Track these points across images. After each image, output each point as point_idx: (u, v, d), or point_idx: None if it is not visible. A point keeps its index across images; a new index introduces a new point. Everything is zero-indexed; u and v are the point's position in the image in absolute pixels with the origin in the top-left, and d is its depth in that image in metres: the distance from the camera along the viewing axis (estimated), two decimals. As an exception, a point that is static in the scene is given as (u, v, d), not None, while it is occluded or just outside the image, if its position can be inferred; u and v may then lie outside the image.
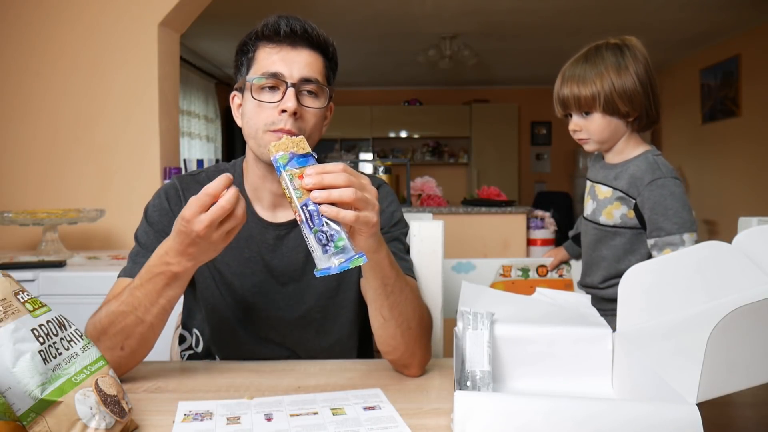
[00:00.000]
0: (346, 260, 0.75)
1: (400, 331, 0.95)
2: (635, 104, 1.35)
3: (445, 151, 8.19)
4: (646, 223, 1.35)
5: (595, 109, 1.37)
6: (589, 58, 1.39)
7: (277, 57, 1.01)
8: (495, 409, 0.64)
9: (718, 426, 0.79)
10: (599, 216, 1.43)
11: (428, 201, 3.66)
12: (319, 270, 0.76)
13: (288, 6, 4.31)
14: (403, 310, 0.94)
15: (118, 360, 0.94)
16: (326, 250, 0.75)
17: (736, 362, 0.64)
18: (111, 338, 0.93)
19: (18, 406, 0.65)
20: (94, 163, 2.57)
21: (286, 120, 0.99)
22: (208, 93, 6.64)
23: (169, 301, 0.92)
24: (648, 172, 1.34)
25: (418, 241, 1.20)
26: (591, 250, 1.47)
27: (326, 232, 0.75)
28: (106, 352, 0.92)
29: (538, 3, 4.44)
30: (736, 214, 1.57)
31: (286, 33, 1.01)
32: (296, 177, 0.77)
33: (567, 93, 1.39)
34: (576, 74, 1.39)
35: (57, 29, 2.55)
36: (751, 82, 5.11)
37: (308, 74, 1.01)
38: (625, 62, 1.35)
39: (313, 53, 1.04)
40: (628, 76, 1.34)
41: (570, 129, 1.44)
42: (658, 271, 0.84)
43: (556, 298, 0.99)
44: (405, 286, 0.94)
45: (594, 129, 1.40)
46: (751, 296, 0.63)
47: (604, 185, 1.43)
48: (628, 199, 1.37)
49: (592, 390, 0.83)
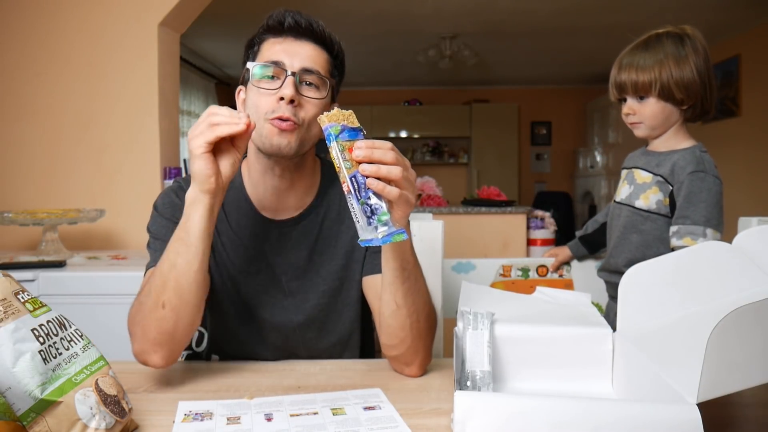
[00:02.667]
0: (388, 234, 0.77)
1: (409, 322, 0.97)
2: (691, 93, 1.37)
3: (445, 151, 8.19)
4: (675, 211, 1.36)
5: (651, 94, 1.38)
6: (649, 46, 1.40)
7: (280, 47, 1.03)
8: (495, 409, 0.64)
9: (718, 426, 0.79)
10: (635, 200, 1.44)
11: (428, 201, 3.66)
12: (362, 240, 0.78)
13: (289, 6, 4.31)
14: (416, 299, 0.96)
15: (164, 323, 0.92)
16: (371, 222, 0.77)
17: (736, 362, 0.64)
18: (150, 297, 0.93)
19: (18, 406, 0.65)
20: (94, 163, 2.57)
21: (285, 108, 0.99)
22: (208, 93, 6.64)
23: (188, 233, 0.92)
24: (692, 164, 1.36)
25: (418, 241, 1.20)
26: (621, 233, 1.47)
27: (371, 205, 0.78)
28: (151, 318, 0.92)
29: (538, 3, 4.44)
30: (736, 214, 1.56)
31: (290, 25, 1.03)
32: (347, 149, 0.79)
33: (625, 78, 1.41)
34: (635, 61, 1.40)
35: (57, 29, 2.55)
36: (751, 82, 5.11)
37: (309, 65, 1.02)
38: (685, 52, 1.37)
39: (317, 47, 1.04)
40: (687, 66, 1.36)
41: (623, 113, 1.45)
42: (658, 271, 0.84)
43: (556, 297, 0.99)
44: (420, 276, 0.98)
45: (648, 113, 1.41)
46: (751, 296, 0.63)
47: (644, 170, 1.44)
48: (666, 185, 1.39)
49: (592, 390, 0.83)
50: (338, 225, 1.13)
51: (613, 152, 6.78)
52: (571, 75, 7.37)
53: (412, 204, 0.84)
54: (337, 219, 1.13)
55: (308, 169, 1.12)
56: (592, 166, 7.44)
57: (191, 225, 0.92)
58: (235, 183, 1.14)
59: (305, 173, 1.11)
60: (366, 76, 7.41)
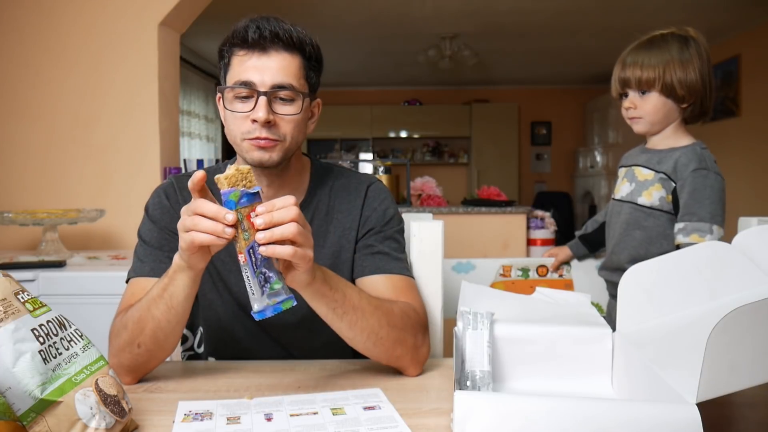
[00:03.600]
0: (279, 302, 0.80)
1: (370, 343, 0.95)
2: (692, 93, 1.39)
3: (445, 151, 8.18)
4: (679, 208, 1.37)
5: (654, 88, 1.39)
6: (654, 45, 1.41)
7: (249, 64, 0.99)
8: (495, 409, 0.64)
9: (718, 426, 0.79)
10: (638, 197, 1.44)
11: (428, 201, 3.66)
12: (256, 312, 0.80)
13: (288, 6, 4.31)
14: (364, 326, 0.93)
15: (139, 358, 0.94)
16: (264, 291, 0.80)
17: (736, 362, 0.64)
18: (127, 332, 0.94)
19: (18, 406, 0.65)
20: (94, 163, 2.57)
21: (260, 129, 0.98)
22: (208, 93, 6.63)
23: (171, 297, 0.90)
24: (694, 161, 1.37)
25: (418, 241, 1.20)
26: (622, 230, 1.47)
27: (265, 273, 0.79)
28: (126, 351, 0.93)
29: (538, 3, 4.44)
30: (736, 214, 1.56)
31: (254, 39, 0.98)
32: (246, 217, 0.78)
33: (629, 74, 1.42)
34: (640, 59, 1.41)
35: (57, 29, 2.55)
36: (751, 82, 5.11)
37: (281, 80, 0.99)
38: (689, 54, 1.38)
39: (287, 55, 1.00)
40: (690, 68, 1.38)
41: (624, 106, 1.46)
42: (658, 271, 0.84)
43: (556, 297, 0.99)
44: (362, 303, 0.93)
45: (649, 108, 1.41)
46: (751, 296, 0.63)
47: (645, 168, 1.45)
48: (669, 182, 1.40)
49: (592, 390, 0.83)
50: (326, 225, 1.12)
51: (613, 152, 6.78)
52: (571, 75, 7.37)
53: (309, 258, 0.81)
54: (326, 219, 1.12)
55: (295, 171, 1.11)
56: (592, 166, 7.44)
57: (176, 291, 0.90)
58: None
59: (292, 174, 1.11)
60: (366, 76, 7.40)
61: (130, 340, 0.93)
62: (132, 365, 0.95)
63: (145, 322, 0.92)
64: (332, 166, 1.19)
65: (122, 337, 0.94)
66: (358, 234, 1.12)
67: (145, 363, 0.95)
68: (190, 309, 0.93)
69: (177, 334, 0.95)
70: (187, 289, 0.90)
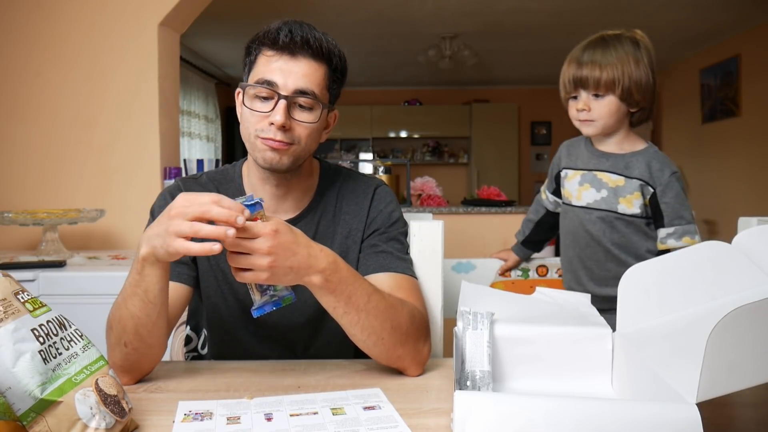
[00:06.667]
0: (278, 299, 0.89)
1: (370, 342, 0.95)
2: (646, 96, 1.39)
3: (445, 151, 8.18)
4: (662, 213, 1.39)
5: (612, 92, 1.38)
6: (609, 44, 1.40)
7: (275, 65, 1.00)
8: (495, 409, 0.64)
9: (718, 426, 0.79)
10: (616, 204, 1.43)
11: (428, 201, 3.66)
12: (256, 308, 0.88)
13: (288, 6, 4.31)
14: (365, 326, 0.93)
15: (129, 357, 0.94)
16: (263, 288, 0.88)
17: (736, 362, 0.64)
18: (114, 332, 0.94)
19: (18, 406, 0.65)
20: (94, 163, 2.57)
21: (275, 131, 0.99)
22: (208, 93, 6.63)
23: (146, 292, 0.89)
24: (667, 165, 1.39)
25: (418, 241, 1.20)
26: (598, 239, 1.45)
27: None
28: (116, 350, 0.93)
29: (538, 3, 4.44)
30: (736, 214, 1.57)
31: (284, 42, 0.99)
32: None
33: (587, 74, 1.39)
34: (596, 58, 1.39)
35: (57, 29, 2.55)
36: (751, 82, 5.11)
37: (304, 86, 0.99)
38: (641, 54, 1.38)
39: (314, 63, 1.01)
40: (642, 68, 1.37)
41: (576, 108, 1.43)
42: (658, 271, 0.84)
43: (556, 297, 0.99)
44: (369, 305, 0.93)
45: (604, 112, 1.40)
46: (751, 296, 0.63)
47: (612, 173, 1.44)
48: (647, 188, 1.40)
49: (592, 390, 0.83)
50: (333, 226, 1.13)
51: (613, 152, 6.77)
52: (571, 75, 7.36)
53: (262, 279, 0.84)
54: (333, 220, 1.13)
55: (305, 174, 1.12)
56: (592, 166, 7.43)
57: (149, 286, 0.89)
58: (235, 184, 1.14)
59: (302, 178, 1.12)
60: (366, 76, 7.40)
61: (116, 339, 0.93)
62: (124, 364, 0.94)
63: (126, 320, 0.92)
64: (341, 168, 1.19)
65: (110, 337, 0.94)
66: (363, 234, 1.12)
67: (137, 362, 0.95)
68: (167, 299, 0.93)
69: (161, 327, 0.94)
70: (161, 282, 0.90)
